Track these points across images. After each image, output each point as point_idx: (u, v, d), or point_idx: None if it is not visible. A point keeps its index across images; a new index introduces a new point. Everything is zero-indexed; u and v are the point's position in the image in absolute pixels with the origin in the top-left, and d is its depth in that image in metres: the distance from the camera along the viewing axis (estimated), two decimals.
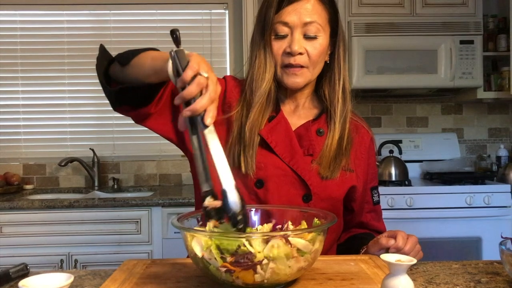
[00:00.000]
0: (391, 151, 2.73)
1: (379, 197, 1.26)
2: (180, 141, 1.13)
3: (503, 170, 2.74)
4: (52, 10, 3.00)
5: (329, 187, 1.11)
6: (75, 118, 3.02)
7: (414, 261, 0.73)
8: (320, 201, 1.10)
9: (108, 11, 3.03)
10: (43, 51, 3.00)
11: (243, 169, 1.08)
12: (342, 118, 1.14)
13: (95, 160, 2.90)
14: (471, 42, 2.75)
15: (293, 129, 1.14)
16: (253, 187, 1.09)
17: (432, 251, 2.40)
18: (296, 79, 1.11)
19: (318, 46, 1.10)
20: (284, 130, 1.13)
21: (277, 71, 1.12)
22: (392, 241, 1.00)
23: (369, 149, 1.22)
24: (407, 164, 2.71)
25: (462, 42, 2.75)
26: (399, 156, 2.72)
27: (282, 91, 1.18)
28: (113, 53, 1.10)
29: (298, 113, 1.18)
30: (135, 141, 3.02)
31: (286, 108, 1.18)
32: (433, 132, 3.17)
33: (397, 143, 2.78)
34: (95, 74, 1.13)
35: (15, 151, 2.99)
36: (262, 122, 1.11)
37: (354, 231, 1.25)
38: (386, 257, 0.74)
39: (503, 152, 2.99)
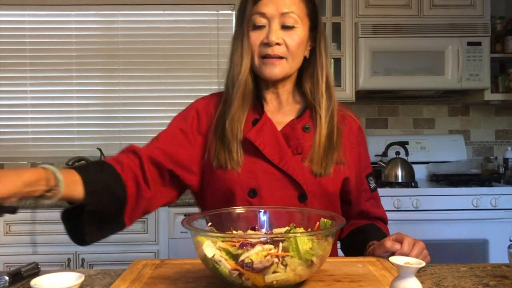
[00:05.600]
0: (397, 153, 2.72)
1: (375, 183, 1.25)
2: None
3: (510, 172, 2.73)
4: (60, 10, 3.03)
5: (323, 183, 1.10)
6: (82, 118, 3.04)
7: (423, 263, 0.74)
8: (315, 199, 1.09)
9: (116, 12, 3.04)
10: (51, 51, 3.02)
11: (228, 165, 1.08)
12: (329, 114, 1.13)
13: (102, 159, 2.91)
14: (479, 43, 2.75)
15: (279, 128, 1.13)
16: (247, 197, 1.07)
17: (439, 253, 2.38)
18: (274, 69, 1.10)
19: (296, 37, 1.10)
20: (270, 132, 1.11)
21: (255, 63, 1.11)
22: (397, 246, 0.98)
23: (358, 137, 1.21)
24: (414, 166, 2.70)
25: (469, 43, 2.74)
26: (405, 157, 2.72)
27: (263, 87, 1.17)
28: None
29: (283, 110, 1.17)
30: (142, 141, 3.02)
31: (270, 107, 1.17)
32: (439, 133, 3.16)
33: (403, 144, 2.77)
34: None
35: (23, 150, 3.01)
36: (243, 117, 1.11)
37: (356, 223, 1.22)
38: (395, 259, 0.75)
39: (510, 154, 2.97)
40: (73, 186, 0.92)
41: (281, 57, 1.10)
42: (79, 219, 0.95)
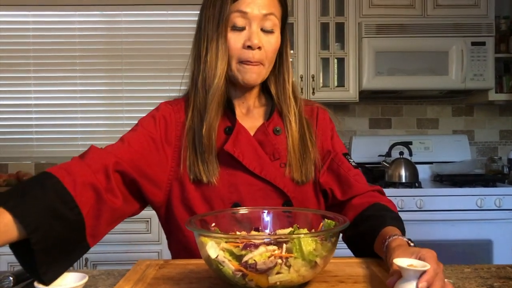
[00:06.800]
0: (401, 153, 2.72)
1: (354, 162, 1.15)
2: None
3: None
4: (64, 10, 3.04)
5: (306, 187, 1.08)
6: (86, 118, 3.05)
7: (428, 266, 0.72)
8: (301, 204, 1.06)
9: (120, 12, 3.05)
10: (55, 51, 3.03)
11: (204, 178, 1.02)
12: (297, 117, 1.09)
13: None
14: (483, 43, 2.74)
15: (251, 133, 1.08)
16: None
17: (442, 254, 2.38)
18: (253, 75, 1.04)
19: (274, 42, 1.06)
20: (246, 140, 1.06)
21: (231, 67, 1.04)
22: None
23: (330, 126, 1.17)
24: (417, 166, 2.70)
25: (473, 43, 2.73)
26: (409, 157, 2.71)
27: (231, 91, 1.10)
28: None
29: (251, 115, 1.12)
30: None
31: (238, 113, 1.11)
32: (443, 133, 3.15)
33: (407, 144, 2.77)
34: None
35: (27, 150, 3.02)
36: (216, 125, 1.04)
37: (357, 207, 1.08)
38: (399, 261, 0.74)
39: None
40: (4, 234, 0.75)
41: (260, 63, 1.05)
42: (31, 255, 0.77)
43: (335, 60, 2.84)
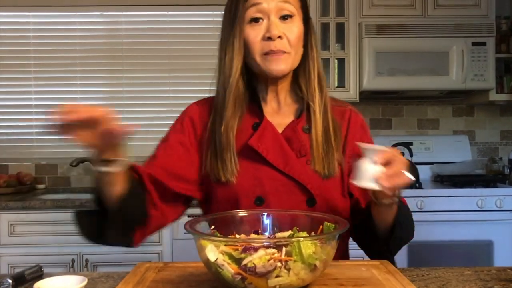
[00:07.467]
0: (401, 153, 2.70)
1: None
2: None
3: None
4: (64, 11, 3.03)
5: (331, 185, 1.07)
6: None
7: (386, 148, 0.88)
8: (324, 202, 1.06)
9: (120, 12, 3.05)
10: (56, 52, 3.03)
11: (222, 178, 1.04)
12: (322, 108, 1.09)
13: None
14: (483, 44, 2.73)
15: (280, 130, 1.09)
16: (253, 205, 1.04)
17: (443, 255, 2.38)
18: (280, 65, 1.05)
19: (296, 29, 1.06)
20: (272, 136, 1.07)
21: (256, 60, 1.05)
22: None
23: (361, 131, 1.15)
24: (418, 166, 2.69)
25: (474, 43, 2.73)
26: (409, 158, 2.71)
27: (262, 87, 1.12)
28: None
29: (282, 112, 1.13)
30: (145, 141, 3.03)
31: (269, 109, 1.13)
32: (444, 134, 3.15)
33: (407, 145, 2.76)
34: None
35: (27, 151, 3.02)
36: (235, 123, 1.06)
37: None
38: (362, 144, 0.88)
39: None
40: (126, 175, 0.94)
41: (284, 52, 1.05)
42: (100, 219, 0.95)
43: (336, 61, 2.83)
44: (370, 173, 0.86)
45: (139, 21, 3.06)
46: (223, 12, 1.11)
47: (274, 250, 0.75)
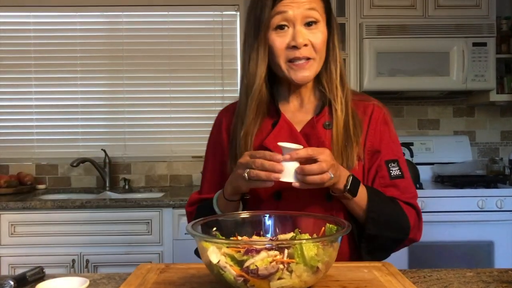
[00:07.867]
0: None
1: (400, 171, 1.13)
2: None
3: None
4: (64, 11, 3.03)
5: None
6: (87, 119, 3.05)
7: (301, 147, 0.93)
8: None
9: (120, 13, 3.05)
10: (56, 52, 3.03)
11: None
12: (343, 105, 1.10)
13: (107, 160, 2.92)
14: (484, 44, 2.73)
15: (300, 127, 1.12)
16: (272, 200, 1.07)
17: (443, 255, 2.38)
18: (305, 73, 1.07)
19: (320, 35, 1.07)
20: (288, 133, 1.10)
21: (282, 68, 1.08)
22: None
23: (381, 127, 1.15)
24: (418, 167, 2.69)
25: (474, 44, 2.73)
26: (410, 158, 2.71)
27: (284, 88, 1.15)
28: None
29: (304, 109, 1.16)
30: (146, 142, 3.04)
31: (291, 107, 1.15)
32: (444, 134, 3.14)
33: (408, 145, 2.76)
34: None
35: (28, 151, 3.02)
36: (255, 129, 1.09)
37: None
38: (282, 143, 0.95)
39: None
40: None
41: (309, 58, 1.07)
42: None
43: None
44: (289, 169, 0.95)
45: (139, 21, 3.06)
46: (246, 15, 1.13)
47: (276, 252, 0.75)
